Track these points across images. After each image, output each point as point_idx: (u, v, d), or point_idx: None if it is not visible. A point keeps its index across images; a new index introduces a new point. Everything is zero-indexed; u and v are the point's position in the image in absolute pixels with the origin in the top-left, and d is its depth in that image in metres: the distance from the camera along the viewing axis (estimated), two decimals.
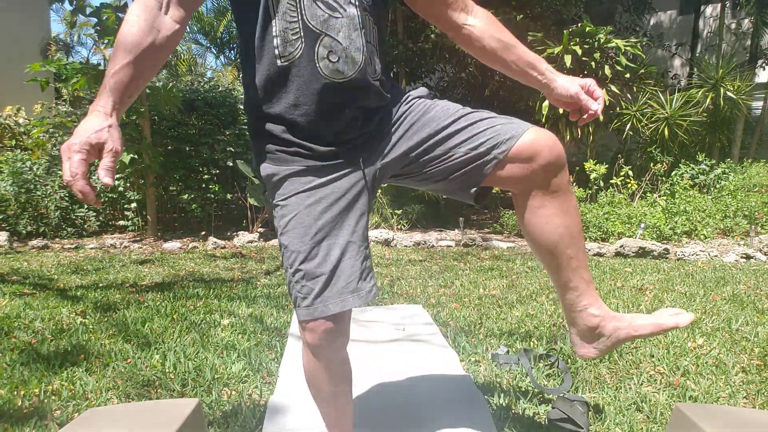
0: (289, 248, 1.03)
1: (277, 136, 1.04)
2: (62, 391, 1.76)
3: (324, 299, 1.00)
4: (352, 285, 1.01)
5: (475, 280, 3.51)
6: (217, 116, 6.01)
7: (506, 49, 1.10)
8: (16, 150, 6.36)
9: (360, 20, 1.00)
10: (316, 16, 0.97)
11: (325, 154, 1.04)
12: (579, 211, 1.12)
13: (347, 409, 1.19)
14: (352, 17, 0.99)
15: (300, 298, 1.03)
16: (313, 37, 0.97)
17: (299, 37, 0.97)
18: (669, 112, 6.76)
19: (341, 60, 0.98)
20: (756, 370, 1.99)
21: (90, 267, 3.91)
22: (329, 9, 0.97)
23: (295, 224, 1.03)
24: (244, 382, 1.85)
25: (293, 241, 1.03)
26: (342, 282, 1.01)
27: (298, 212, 1.03)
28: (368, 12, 1.02)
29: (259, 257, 4.42)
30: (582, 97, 1.12)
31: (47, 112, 8.16)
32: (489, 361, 2.06)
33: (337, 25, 0.98)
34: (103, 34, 4.91)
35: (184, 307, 2.79)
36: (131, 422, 1.13)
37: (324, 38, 0.98)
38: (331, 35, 0.98)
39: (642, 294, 3.17)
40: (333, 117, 1.02)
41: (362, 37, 1.00)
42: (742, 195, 6.04)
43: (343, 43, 0.98)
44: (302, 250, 1.02)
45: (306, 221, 1.02)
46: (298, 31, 0.97)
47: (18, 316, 2.60)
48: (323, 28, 0.97)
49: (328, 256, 1.01)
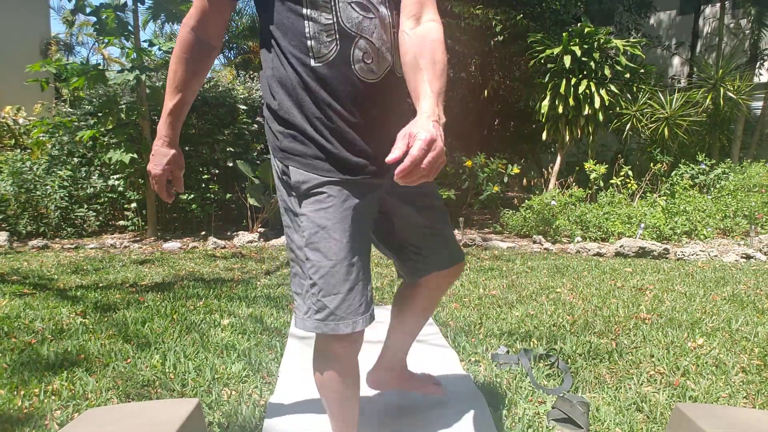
0: (311, 260, 1.04)
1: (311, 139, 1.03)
2: (62, 391, 1.76)
3: (336, 318, 1.03)
4: (362, 308, 1.05)
5: (475, 280, 3.51)
6: (216, 116, 6.01)
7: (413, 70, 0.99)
8: (16, 150, 6.36)
9: (390, 20, 1.02)
10: (351, 18, 0.98)
11: (356, 166, 1.05)
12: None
13: (354, 411, 1.22)
14: (384, 17, 1.01)
15: (313, 311, 1.04)
16: (349, 39, 0.98)
17: (334, 39, 0.98)
18: (669, 112, 6.76)
19: (374, 61, 1.00)
20: (756, 370, 1.99)
21: (90, 267, 3.91)
22: (363, 10, 0.99)
23: (320, 238, 1.03)
24: (244, 383, 1.85)
25: (317, 255, 1.03)
26: (356, 303, 1.03)
27: (325, 227, 1.02)
28: (396, 11, 1.04)
29: (259, 257, 4.42)
30: (398, 143, 0.89)
31: (47, 112, 8.15)
32: (489, 361, 2.06)
33: (370, 27, 0.99)
34: (103, 34, 4.90)
35: (184, 307, 2.79)
36: (131, 422, 1.13)
37: (359, 40, 0.99)
38: (366, 37, 0.99)
39: (642, 294, 3.17)
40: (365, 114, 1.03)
41: (392, 36, 1.02)
42: (742, 195, 6.04)
43: (377, 44, 1.00)
44: (324, 265, 1.02)
45: (333, 237, 1.02)
46: (333, 33, 0.98)
47: (18, 316, 2.60)
48: (358, 30, 0.99)
49: (348, 275, 1.03)
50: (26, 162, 5.56)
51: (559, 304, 2.92)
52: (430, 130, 0.86)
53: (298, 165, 1.05)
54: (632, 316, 2.69)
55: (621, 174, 6.41)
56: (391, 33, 1.02)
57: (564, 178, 6.82)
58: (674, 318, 2.64)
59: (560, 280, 3.53)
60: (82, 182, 5.71)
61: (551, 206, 5.55)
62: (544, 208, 5.55)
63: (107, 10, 4.79)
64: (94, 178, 5.75)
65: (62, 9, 21.06)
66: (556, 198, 5.65)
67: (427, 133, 0.85)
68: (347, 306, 1.03)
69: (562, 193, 5.95)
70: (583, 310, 2.81)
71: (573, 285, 3.39)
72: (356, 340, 1.08)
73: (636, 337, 2.35)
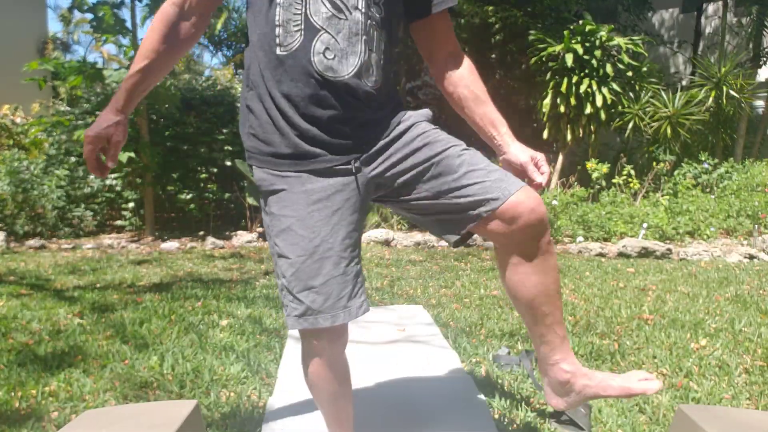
0: (282, 258, 1.04)
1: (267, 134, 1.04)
2: (59, 392, 1.74)
3: (314, 313, 1.02)
4: (343, 301, 1.02)
5: (476, 281, 3.49)
6: (215, 115, 5.99)
7: (476, 102, 1.12)
8: (14, 149, 6.34)
9: (364, 27, 1.01)
10: (319, 12, 0.99)
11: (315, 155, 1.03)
12: (557, 270, 1.13)
13: (348, 410, 1.20)
14: (356, 22, 1.00)
15: (292, 308, 1.04)
16: (313, 31, 0.99)
17: (300, 30, 0.99)
18: (671, 110, 6.73)
19: (336, 58, 0.99)
20: (759, 371, 1.97)
21: (87, 267, 3.89)
22: (334, 8, 0.99)
23: (286, 235, 1.03)
24: (242, 384, 1.83)
25: (285, 251, 1.03)
26: (333, 298, 1.02)
27: (289, 225, 1.03)
28: (375, 23, 1.03)
29: (258, 257, 4.41)
30: (529, 168, 1.14)
31: (45, 111, 8.14)
32: (490, 363, 2.04)
33: (338, 26, 0.99)
34: (100, 31, 4.88)
35: (182, 307, 2.77)
36: (129, 424, 1.12)
37: (323, 35, 0.99)
38: (331, 33, 0.99)
39: (644, 294, 3.15)
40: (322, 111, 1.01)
41: (363, 43, 1.01)
42: (746, 194, 6.01)
43: (341, 44, 1.00)
44: (293, 262, 1.02)
45: (298, 233, 1.02)
46: (299, 23, 0.99)
47: (15, 317, 2.59)
48: (324, 24, 0.99)
49: (320, 270, 1.02)
50: (23, 161, 5.54)
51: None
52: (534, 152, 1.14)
53: (257, 162, 1.07)
54: (635, 316, 2.67)
55: (623, 173, 6.39)
56: (362, 41, 1.01)
57: (566, 178, 6.79)
58: (677, 319, 2.62)
59: (562, 281, 3.51)
60: (80, 182, 5.70)
61: (553, 206, 5.53)
62: (546, 208, 5.53)
63: (104, 7, 4.77)
64: (91, 177, 5.74)
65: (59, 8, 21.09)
66: (558, 197, 5.63)
67: (541, 156, 1.14)
68: (323, 300, 1.01)
69: (564, 193, 5.93)
70: (585, 310, 2.79)
71: (575, 285, 3.37)
72: (340, 334, 1.06)
73: (638, 338, 2.33)
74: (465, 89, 1.13)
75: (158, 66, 1.10)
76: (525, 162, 1.13)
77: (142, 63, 1.08)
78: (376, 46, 1.03)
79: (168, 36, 1.08)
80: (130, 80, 1.09)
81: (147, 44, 1.08)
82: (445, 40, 1.15)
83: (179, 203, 5.88)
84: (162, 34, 1.07)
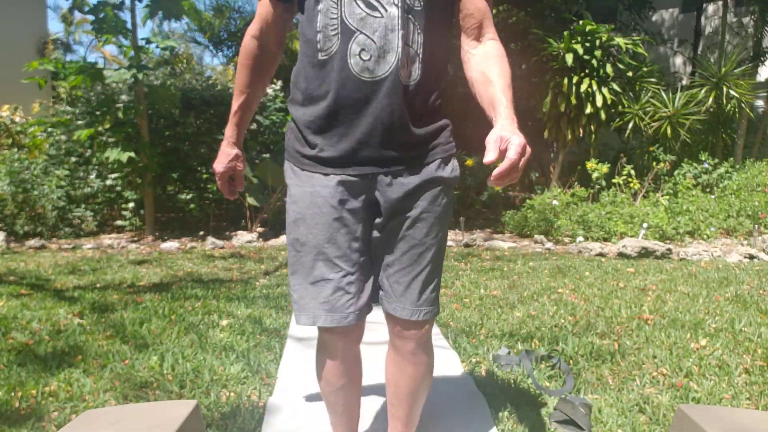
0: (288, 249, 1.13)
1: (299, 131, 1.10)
2: (59, 392, 1.74)
3: (299, 308, 1.09)
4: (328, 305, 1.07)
5: (476, 281, 3.49)
6: (215, 115, 5.98)
7: (484, 84, 1.08)
8: (14, 149, 6.34)
9: (400, 22, 1.00)
10: (353, 14, 1.00)
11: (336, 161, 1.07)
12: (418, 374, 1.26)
13: (355, 407, 1.24)
14: (392, 18, 1.00)
15: (293, 300, 1.12)
16: (349, 34, 1.00)
17: (337, 33, 1.01)
18: (671, 110, 6.73)
19: (373, 59, 1.00)
20: (759, 371, 1.97)
21: (87, 267, 3.89)
22: (368, 8, 1.00)
23: (291, 229, 1.11)
24: (242, 384, 1.83)
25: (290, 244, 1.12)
26: (320, 298, 1.07)
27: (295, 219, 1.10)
28: (412, 16, 1.02)
29: (258, 257, 4.40)
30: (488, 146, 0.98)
31: (45, 111, 8.14)
32: (490, 363, 2.04)
33: (374, 24, 1.00)
34: (101, 32, 4.87)
35: (182, 307, 2.77)
36: (129, 424, 1.12)
37: (359, 36, 1.00)
38: (366, 34, 1.00)
39: (644, 294, 3.15)
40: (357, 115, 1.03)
41: (399, 38, 1.00)
42: (746, 194, 6.01)
43: (378, 43, 1.00)
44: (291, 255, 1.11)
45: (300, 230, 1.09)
46: (336, 27, 1.01)
47: (15, 316, 2.58)
48: (359, 26, 1.00)
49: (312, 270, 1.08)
50: (24, 161, 5.54)
51: (560, 304, 2.90)
52: (520, 134, 0.94)
53: (287, 156, 1.15)
54: (635, 316, 2.67)
55: (623, 173, 6.39)
56: (399, 36, 1.00)
57: (566, 178, 6.79)
58: (677, 319, 2.62)
59: (562, 281, 3.51)
60: (80, 182, 5.69)
61: (553, 206, 5.52)
62: (546, 208, 5.53)
63: (106, 8, 4.76)
64: (91, 177, 5.73)
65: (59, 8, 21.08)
66: (558, 197, 5.63)
67: (520, 138, 0.93)
68: (309, 298, 1.08)
69: (564, 193, 5.93)
70: (585, 310, 2.79)
71: (575, 285, 3.37)
72: (347, 333, 1.12)
73: (638, 338, 2.33)
74: (477, 74, 1.10)
75: (255, 96, 1.22)
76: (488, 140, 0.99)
77: (241, 99, 1.20)
78: (413, 39, 1.03)
79: (256, 68, 1.18)
80: (235, 117, 1.21)
81: (241, 82, 1.18)
82: (477, 23, 1.11)
83: (179, 203, 5.87)
84: (251, 69, 1.17)
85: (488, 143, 0.95)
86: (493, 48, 1.10)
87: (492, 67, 1.08)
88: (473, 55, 1.11)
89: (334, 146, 1.06)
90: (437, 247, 1.14)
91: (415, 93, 1.04)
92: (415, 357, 1.20)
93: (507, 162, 0.91)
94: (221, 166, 1.23)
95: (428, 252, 1.12)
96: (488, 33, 1.12)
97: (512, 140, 0.93)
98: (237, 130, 1.23)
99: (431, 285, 1.14)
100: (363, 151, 1.05)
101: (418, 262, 1.12)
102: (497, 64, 1.08)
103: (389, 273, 1.14)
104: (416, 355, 1.20)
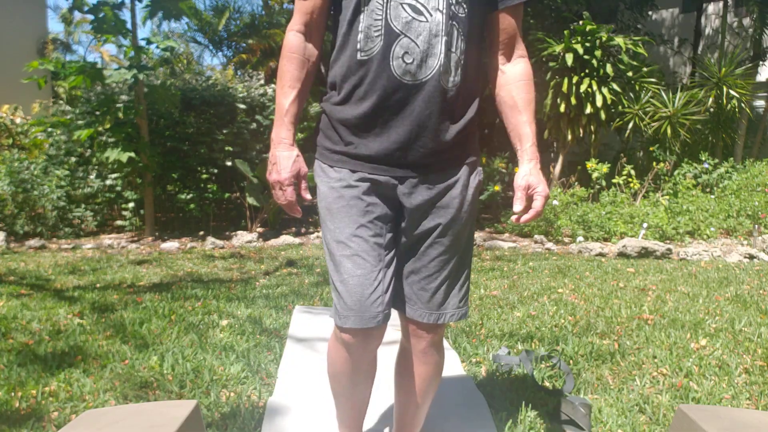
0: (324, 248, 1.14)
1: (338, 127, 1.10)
2: (59, 392, 1.74)
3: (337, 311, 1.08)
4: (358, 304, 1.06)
5: (476, 281, 3.49)
6: (215, 115, 5.98)
7: (512, 109, 1.14)
8: (14, 149, 6.34)
9: (444, 27, 1.01)
10: (399, 17, 1.01)
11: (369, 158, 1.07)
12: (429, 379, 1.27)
13: (364, 405, 1.23)
14: (437, 23, 1.01)
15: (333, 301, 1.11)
16: (393, 36, 1.01)
17: (380, 35, 1.02)
18: (671, 110, 6.73)
19: (415, 63, 1.01)
20: (759, 371, 1.97)
21: (87, 267, 3.89)
22: (414, 12, 1.01)
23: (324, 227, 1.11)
24: (242, 384, 1.83)
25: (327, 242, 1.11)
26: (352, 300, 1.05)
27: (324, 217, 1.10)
28: (456, 22, 1.03)
29: (258, 257, 4.40)
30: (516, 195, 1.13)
31: (45, 111, 8.14)
32: (490, 363, 2.04)
33: (419, 29, 1.01)
34: (101, 31, 4.87)
35: (182, 307, 2.77)
36: (129, 424, 1.11)
37: (403, 39, 1.01)
38: (411, 37, 1.01)
39: (644, 294, 3.15)
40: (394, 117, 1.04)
41: (443, 44, 1.02)
42: (746, 194, 6.01)
43: (421, 47, 1.01)
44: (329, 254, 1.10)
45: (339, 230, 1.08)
46: (380, 28, 1.02)
47: (15, 317, 2.58)
48: (404, 29, 1.01)
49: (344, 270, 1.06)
50: (23, 162, 5.54)
51: (560, 304, 2.90)
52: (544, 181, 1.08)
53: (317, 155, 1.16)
54: (635, 316, 2.67)
55: (623, 173, 6.39)
56: (442, 42, 1.01)
57: (566, 178, 6.79)
58: (677, 319, 2.62)
59: (562, 281, 3.51)
60: (80, 182, 5.69)
61: (553, 206, 5.52)
62: (546, 208, 5.53)
63: (105, 8, 4.76)
64: (91, 177, 5.73)
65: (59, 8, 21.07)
66: (558, 197, 5.63)
67: (545, 188, 1.08)
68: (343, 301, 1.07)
69: (564, 193, 5.93)
70: (585, 310, 2.79)
71: (575, 285, 3.37)
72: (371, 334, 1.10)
73: (638, 338, 2.33)
74: (506, 95, 1.14)
75: (305, 90, 1.13)
76: (517, 187, 1.12)
77: (292, 93, 1.10)
78: (456, 45, 1.04)
79: (302, 62, 1.11)
80: (288, 114, 1.10)
81: (289, 75, 1.10)
82: (508, 38, 1.13)
83: (179, 203, 5.87)
84: (298, 62, 1.10)
85: (517, 189, 1.10)
86: (522, 70, 1.14)
87: (521, 93, 1.12)
88: (503, 72, 1.14)
89: (367, 145, 1.06)
90: (465, 252, 1.16)
91: (455, 99, 1.06)
92: (426, 356, 1.20)
93: (533, 212, 1.07)
94: (286, 172, 1.09)
95: (455, 257, 1.14)
96: (518, 50, 1.15)
97: (538, 190, 1.08)
98: (292, 128, 1.12)
99: (457, 288, 1.16)
100: (396, 153, 1.06)
101: (445, 268, 1.13)
102: (524, 90, 1.13)
103: (414, 279, 1.14)
104: (427, 355, 1.20)
